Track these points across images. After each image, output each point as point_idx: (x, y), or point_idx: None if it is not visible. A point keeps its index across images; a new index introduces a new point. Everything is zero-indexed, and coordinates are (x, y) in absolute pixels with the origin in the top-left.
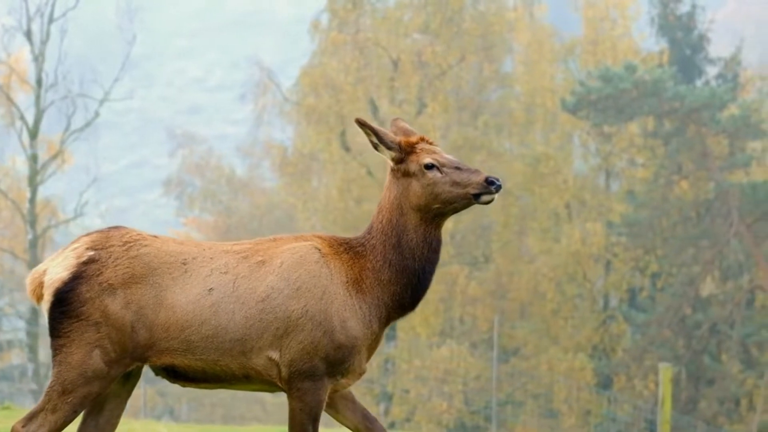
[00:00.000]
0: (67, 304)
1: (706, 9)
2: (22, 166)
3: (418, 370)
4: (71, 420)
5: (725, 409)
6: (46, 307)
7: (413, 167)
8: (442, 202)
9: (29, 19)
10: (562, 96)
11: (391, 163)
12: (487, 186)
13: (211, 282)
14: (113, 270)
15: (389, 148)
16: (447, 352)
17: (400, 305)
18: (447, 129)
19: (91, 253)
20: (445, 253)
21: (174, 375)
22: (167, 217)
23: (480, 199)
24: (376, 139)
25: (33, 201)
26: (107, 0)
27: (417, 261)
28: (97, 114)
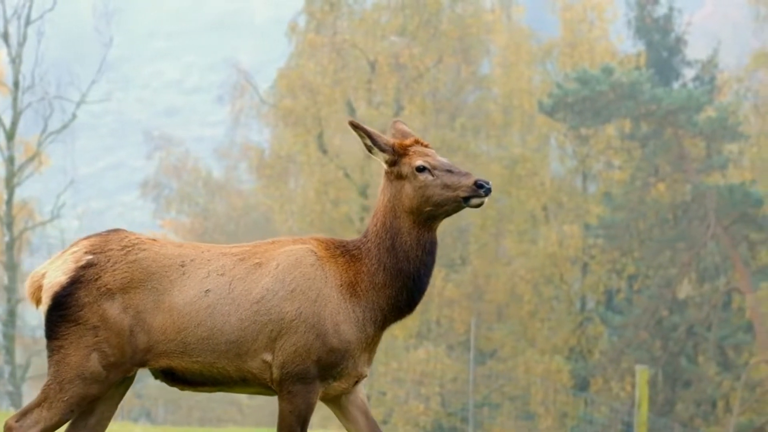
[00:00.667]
0: (66, 308)
1: (683, 11)
2: None
3: (394, 372)
4: (67, 419)
5: (702, 411)
6: (44, 310)
7: (405, 170)
8: (433, 204)
9: (6, 21)
10: (539, 98)
11: (385, 166)
12: (477, 189)
13: (208, 284)
14: (111, 274)
15: (383, 150)
16: (424, 354)
17: (396, 308)
18: (424, 131)
19: (90, 257)
20: None
21: (172, 378)
22: (144, 219)
23: (469, 203)
24: (370, 142)
25: (10, 203)
26: (84, 2)
27: (412, 264)
28: (74, 116)
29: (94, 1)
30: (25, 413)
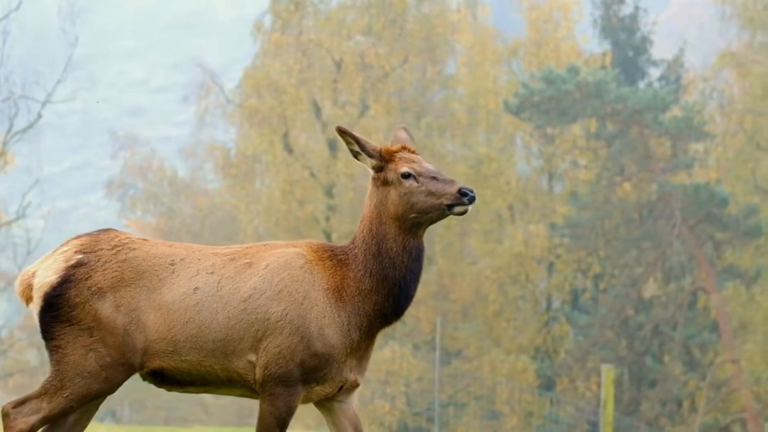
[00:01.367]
0: (57, 308)
1: (648, 11)
2: None
3: None
4: (67, 413)
5: (667, 411)
6: (36, 310)
7: (391, 176)
8: (417, 211)
9: None
10: (505, 98)
11: (372, 172)
12: (460, 197)
13: (197, 281)
14: (102, 273)
15: (370, 156)
16: (389, 353)
17: (382, 315)
18: (390, 131)
19: (80, 257)
20: None
21: (161, 379)
22: (110, 219)
23: (453, 210)
24: (357, 148)
25: None
26: (50, 1)
27: (398, 270)
28: (40, 116)
29: (59, 1)
30: (23, 401)
